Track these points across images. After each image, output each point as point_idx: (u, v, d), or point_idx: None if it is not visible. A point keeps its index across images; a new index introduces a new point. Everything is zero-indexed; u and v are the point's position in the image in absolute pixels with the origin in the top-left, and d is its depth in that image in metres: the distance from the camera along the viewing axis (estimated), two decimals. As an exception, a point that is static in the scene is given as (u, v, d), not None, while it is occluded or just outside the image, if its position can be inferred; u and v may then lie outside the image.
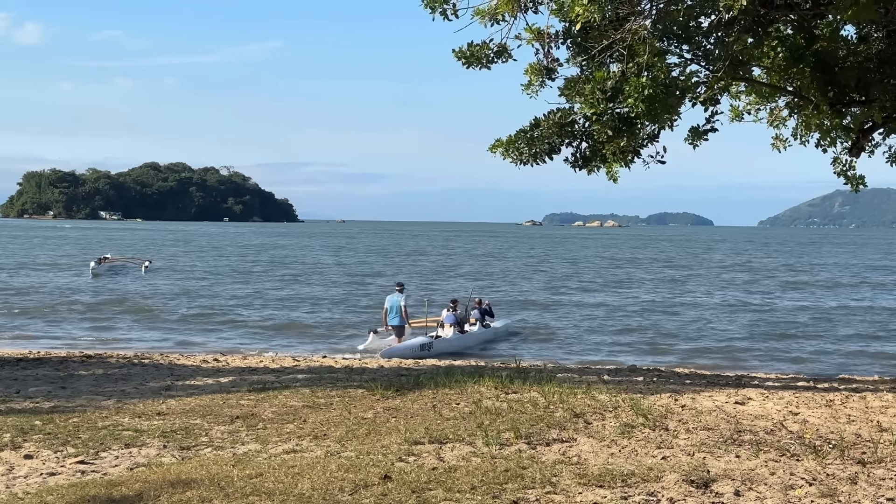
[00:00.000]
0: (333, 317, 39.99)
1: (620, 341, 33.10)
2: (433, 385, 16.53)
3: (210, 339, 32.38)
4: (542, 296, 50.91)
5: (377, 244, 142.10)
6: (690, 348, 31.66)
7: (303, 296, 49.17)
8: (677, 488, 9.55)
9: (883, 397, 17.19)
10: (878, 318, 42.60)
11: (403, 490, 9.19)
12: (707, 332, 36.03)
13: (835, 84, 15.48)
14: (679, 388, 17.70)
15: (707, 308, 45.48)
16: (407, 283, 36.08)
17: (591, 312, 42.95)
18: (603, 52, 14.30)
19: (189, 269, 69.81)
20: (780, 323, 39.56)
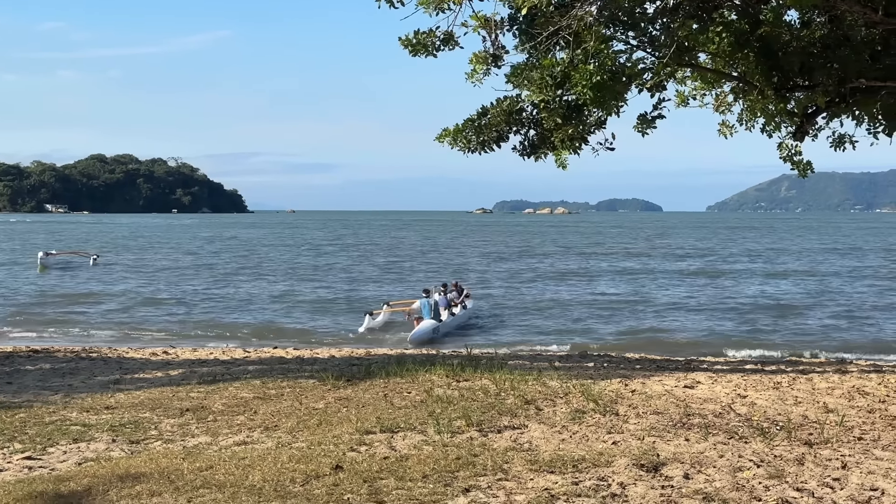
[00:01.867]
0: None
1: (574, 328, 33.23)
2: (384, 374, 16.53)
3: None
4: (500, 283, 50.96)
5: (330, 236, 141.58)
6: (644, 334, 31.89)
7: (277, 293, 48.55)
8: (627, 472, 9.61)
9: (829, 379, 17.40)
10: (826, 299, 43.11)
11: (355, 480, 9.18)
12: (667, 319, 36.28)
13: (779, 69, 15.58)
14: (629, 374, 17.81)
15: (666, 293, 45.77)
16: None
17: (552, 299, 43.12)
18: (549, 39, 14.30)
19: (141, 264, 69.01)
20: (740, 308, 39.84)
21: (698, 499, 8.67)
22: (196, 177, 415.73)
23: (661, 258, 76.00)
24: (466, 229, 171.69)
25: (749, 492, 8.96)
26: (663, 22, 15.42)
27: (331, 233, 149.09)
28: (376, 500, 8.54)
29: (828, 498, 8.80)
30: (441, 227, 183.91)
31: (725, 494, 8.83)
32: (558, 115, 15.08)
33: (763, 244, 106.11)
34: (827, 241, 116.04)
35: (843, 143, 17.65)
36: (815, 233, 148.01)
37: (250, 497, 8.61)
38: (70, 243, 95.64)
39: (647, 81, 16.00)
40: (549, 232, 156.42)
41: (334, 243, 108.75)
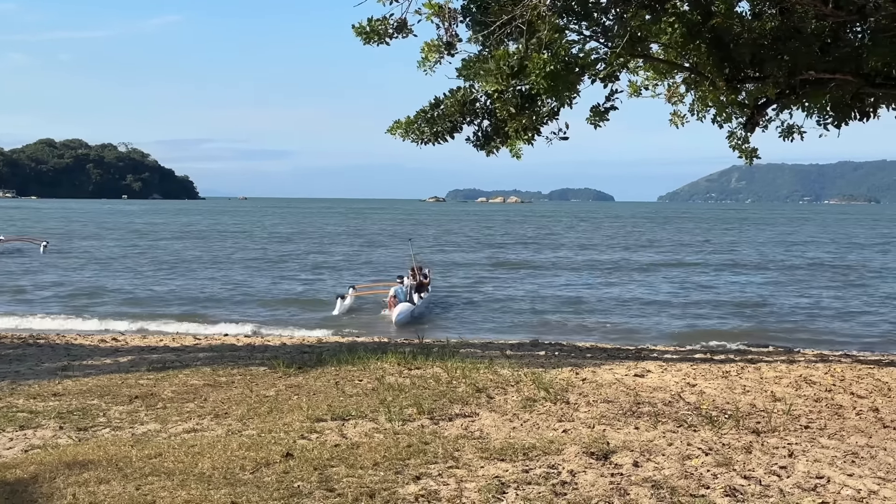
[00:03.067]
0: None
1: (528, 317, 33.32)
2: (336, 362, 16.51)
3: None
4: (456, 272, 51.01)
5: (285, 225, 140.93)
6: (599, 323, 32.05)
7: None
8: (578, 460, 9.67)
9: (777, 368, 17.60)
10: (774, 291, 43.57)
11: (305, 467, 9.16)
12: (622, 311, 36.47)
13: (730, 60, 15.71)
14: (580, 362, 17.90)
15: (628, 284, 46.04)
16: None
17: (507, 287, 43.24)
18: (503, 29, 14.31)
19: (93, 251, 68.26)
20: (693, 298, 40.14)
21: (647, 486, 8.74)
22: (147, 163, 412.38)
23: (620, 249, 76.28)
24: (423, 218, 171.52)
25: (697, 479, 9.05)
26: (616, 12, 15.49)
27: (284, 220, 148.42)
28: (326, 487, 8.53)
29: (774, 486, 8.90)
30: (395, 216, 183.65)
31: (674, 482, 8.91)
32: (512, 105, 15.12)
33: (717, 235, 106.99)
34: (778, 231, 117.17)
35: (792, 134, 17.82)
36: (767, 224, 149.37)
37: (199, 484, 8.56)
38: (21, 229, 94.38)
39: (600, 72, 16.06)
40: (504, 220, 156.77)
41: (287, 231, 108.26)
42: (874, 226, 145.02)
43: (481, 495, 8.39)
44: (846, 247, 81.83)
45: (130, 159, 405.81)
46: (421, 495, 8.38)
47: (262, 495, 8.29)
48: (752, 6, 16.47)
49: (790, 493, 8.64)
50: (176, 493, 8.36)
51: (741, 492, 8.65)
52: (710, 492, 8.64)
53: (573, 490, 8.65)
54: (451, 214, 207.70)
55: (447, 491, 8.53)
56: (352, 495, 8.30)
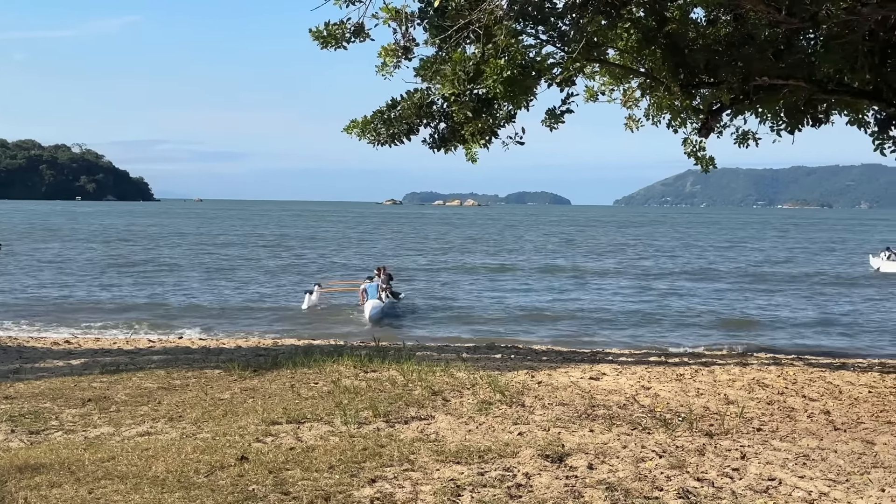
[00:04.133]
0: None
1: (486, 323, 33.36)
2: (291, 365, 16.49)
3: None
4: (414, 276, 51.01)
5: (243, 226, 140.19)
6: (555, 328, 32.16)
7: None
8: (533, 463, 9.71)
9: (730, 371, 17.76)
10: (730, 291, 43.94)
11: (260, 470, 9.14)
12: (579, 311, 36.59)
13: (685, 66, 15.85)
14: (536, 365, 17.98)
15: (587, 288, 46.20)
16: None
17: (463, 290, 43.30)
18: (460, 33, 14.35)
19: (48, 254, 67.48)
20: (652, 301, 40.36)
21: (601, 489, 8.78)
22: (101, 164, 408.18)
23: (578, 254, 76.57)
24: (380, 220, 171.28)
25: (651, 482, 9.11)
26: (572, 17, 15.55)
27: (240, 222, 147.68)
28: (281, 490, 8.50)
29: (727, 488, 8.98)
30: (352, 219, 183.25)
31: (628, 484, 8.96)
32: (468, 108, 15.16)
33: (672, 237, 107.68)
34: (734, 235, 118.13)
35: (746, 140, 18.01)
36: (720, 227, 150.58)
37: (153, 488, 8.51)
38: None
39: (556, 76, 16.14)
40: (462, 223, 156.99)
41: (243, 234, 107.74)
42: (829, 228, 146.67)
43: (436, 498, 8.40)
44: (798, 251, 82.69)
45: (84, 160, 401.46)
46: (376, 498, 8.38)
47: (216, 499, 8.25)
48: (706, 13, 16.62)
49: (742, 495, 8.72)
50: (129, 496, 8.30)
51: (694, 494, 8.72)
52: (663, 494, 8.70)
53: (528, 493, 8.68)
54: (408, 217, 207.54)
55: (402, 494, 8.53)
56: (307, 498, 8.27)
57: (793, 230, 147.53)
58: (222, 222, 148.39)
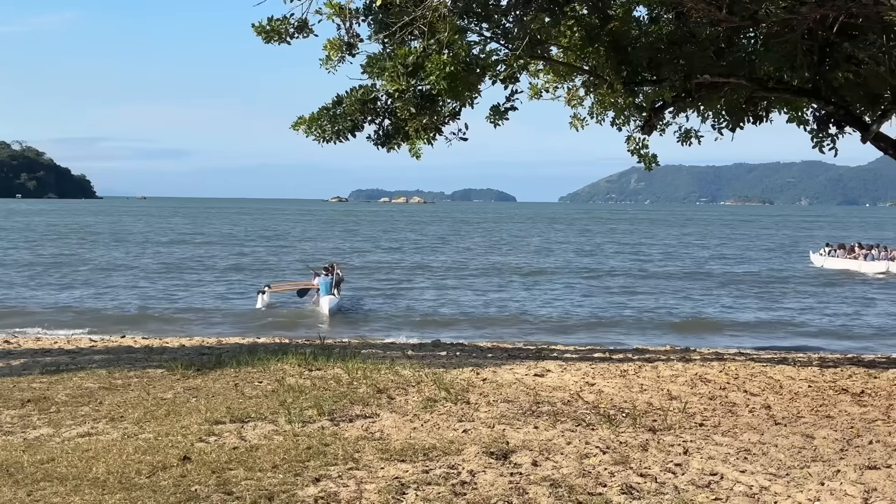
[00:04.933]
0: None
1: (432, 321, 33.37)
2: (236, 363, 16.36)
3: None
4: (360, 273, 50.93)
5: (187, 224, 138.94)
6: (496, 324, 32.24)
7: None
8: (477, 460, 9.72)
9: (673, 367, 17.89)
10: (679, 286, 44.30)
11: (203, 470, 9.08)
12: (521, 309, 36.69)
13: (628, 64, 15.92)
14: (481, 362, 18.00)
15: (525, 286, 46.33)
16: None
17: (412, 289, 43.28)
18: (404, 29, 14.32)
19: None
20: (596, 297, 40.57)
21: (546, 485, 8.81)
22: (42, 161, 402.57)
23: (524, 252, 76.84)
24: (328, 218, 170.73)
25: (595, 478, 9.16)
26: (516, 14, 15.57)
27: (185, 220, 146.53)
28: (224, 490, 8.45)
29: (670, 483, 9.05)
30: (300, 216, 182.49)
31: (572, 481, 9.01)
32: (412, 105, 15.12)
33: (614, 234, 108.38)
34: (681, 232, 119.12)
35: (689, 138, 18.14)
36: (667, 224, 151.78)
37: (94, 490, 8.42)
38: None
39: (500, 73, 16.16)
40: (408, 221, 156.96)
41: (188, 232, 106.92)
42: (772, 225, 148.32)
43: (381, 496, 8.39)
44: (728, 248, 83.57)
45: (25, 158, 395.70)
46: (320, 497, 8.35)
47: (158, 500, 8.18)
48: (649, 11, 16.72)
49: (685, 490, 8.79)
50: (69, 498, 8.21)
51: (637, 489, 8.78)
52: (606, 490, 8.75)
53: (472, 490, 8.70)
54: (355, 214, 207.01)
55: (347, 492, 8.51)
56: (250, 498, 8.23)
57: (736, 227, 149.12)
58: (166, 220, 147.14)
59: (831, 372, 17.73)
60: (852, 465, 9.95)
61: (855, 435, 11.69)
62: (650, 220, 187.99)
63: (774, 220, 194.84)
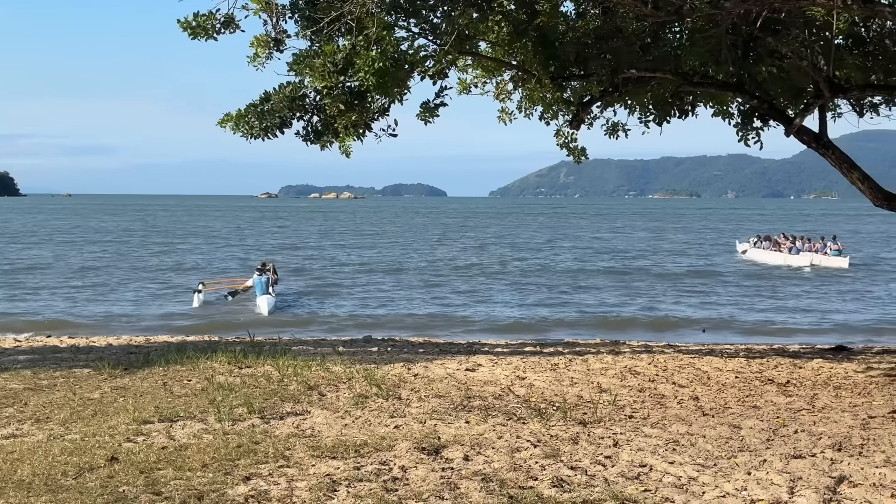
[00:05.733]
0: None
1: (364, 317, 33.30)
2: (164, 362, 16.19)
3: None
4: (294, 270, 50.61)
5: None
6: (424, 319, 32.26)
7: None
8: (409, 456, 9.73)
9: (603, 359, 18.04)
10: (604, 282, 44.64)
11: (131, 471, 8.98)
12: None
13: (555, 59, 15.98)
14: (412, 358, 18.00)
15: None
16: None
17: (344, 285, 43.15)
18: (331, 25, 14.25)
19: None
20: (528, 292, 40.71)
21: (477, 479, 8.84)
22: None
23: (459, 249, 76.97)
24: (259, 215, 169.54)
25: (526, 471, 9.21)
26: (444, 10, 15.57)
27: (112, 218, 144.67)
28: (153, 491, 8.36)
29: (600, 475, 9.12)
30: (230, 213, 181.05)
31: (503, 475, 9.04)
32: (341, 101, 15.06)
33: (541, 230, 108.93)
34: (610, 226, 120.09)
35: (616, 132, 18.27)
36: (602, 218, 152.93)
37: (18, 492, 8.28)
38: None
39: (429, 69, 16.14)
40: (340, 216, 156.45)
41: (116, 230, 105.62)
42: (703, 217, 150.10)
43: (312, 494, 8.36)
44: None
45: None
46: (251, 496, 8.30)
47: (85, 501, 8.07)
48: (575, 6, 16.82)
49: (614, 482, 8.87)
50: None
51: (568, 482, 8.84)
52: (537, 483, 8.80)
53: (404, 486, 8.70)
54: (286, 210, 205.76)
55: (278, 490, 8.47)
56: (179, 498, 8.16)
57: (664, 220, 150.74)
58: (92, 218, 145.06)
59: (758, 363, 18.01)
60: (778, 454, 10.11)
61: (781, 425, 11.89)
62: (583, 213, 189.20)
63: (704, 213, 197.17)
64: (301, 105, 15.86)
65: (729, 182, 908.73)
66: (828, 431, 11.46)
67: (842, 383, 15.61)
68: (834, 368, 17.31)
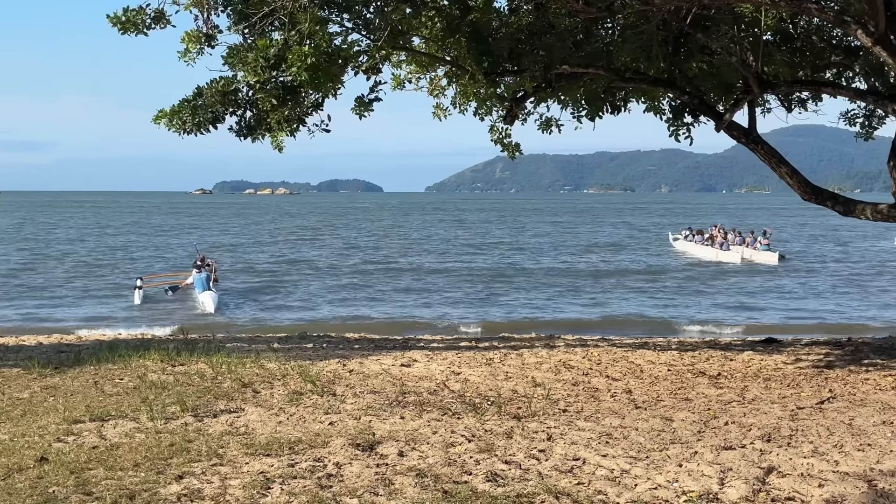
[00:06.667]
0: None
1: (301, 312, 33.16)
2: (95, 361, 15.99)
3: None
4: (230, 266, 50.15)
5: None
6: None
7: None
8: (344, 452, 9.72)
9: (538, 354, 18.14)
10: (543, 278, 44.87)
11: (62, 471, 8.87)
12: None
13: (489, 54, 16.01)
14: (348, 354, 17.97)
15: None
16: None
17: (283, 281, 42.93)
18: (264, 20, 14.17)
19: None
20: (460, 287, 40.77)
21: (412, 475, 8.85)
22: None
23: (400, 247, 76.93)
24: (194, 211, 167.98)
25: (460, 466, 9.24)
26: (377, 5, 15.56)
27: (43, 216, 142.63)
28: (84, 491, 8.27)
29: (534, 469, 9.18)
30: (166, 209, 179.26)
31: (438, 470, 9.07)
32: (274, 96, 14.97)
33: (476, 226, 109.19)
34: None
35: (549, 127, 18.37)
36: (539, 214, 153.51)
37: (-54, 495, 8.16)
38: None
39: (362, 64, 16.12)
40: (277, 212, 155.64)
41: (49, 226, 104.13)
42: (635, 210, 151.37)
43: (246, 492, 8.32)
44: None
45: None
46: (183, 495, 8.24)
47: (14, 502, 7.97)
48: (508, 2, 16.87)
49: (548, 476, 8.93)
50: (-81, 505, 7.94)
51: (502, 476, 8.89)
52: (472, 478, 8.83)
53: (339, 482, 8.69)
54: (222, 207, 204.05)
55: (211, 489, 8.42)
56: (111, 498, 8.07)
57: (600, 215, 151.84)
58: (23, 215, 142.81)
59: (690, 355, 18.22)
60: (709, 445, 10.24)
61: (712, 416, 12.05)
62: (519, 209, 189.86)
63: (638, 207, 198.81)
64: (234, 100, 15.74)
65: (662, 177, 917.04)
66: (757, 423, 11.63)
67: (771, 375, 15.85)
68: (764, 360, 17.56)
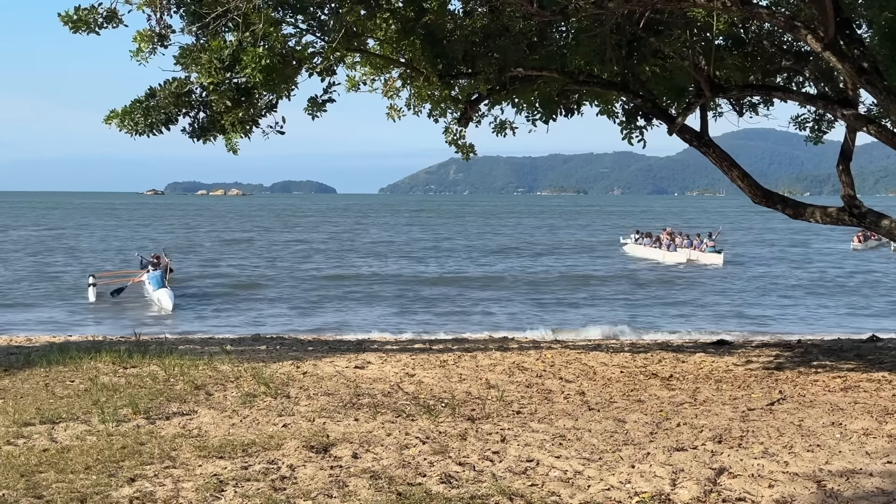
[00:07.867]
0: None
1: (255, 315, 32.98)
2: (46, 363, 15.85)
3: None
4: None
5: None
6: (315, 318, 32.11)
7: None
8: (297, 454, 9.71)
9: (492, 356, 18.18)
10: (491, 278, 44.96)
11: (11, 474, 8.80)
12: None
13: (443, 56, 16.05)
14: (301, 356, 17.93)
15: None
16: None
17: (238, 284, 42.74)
18: (218, 20, 14.11)
19: None
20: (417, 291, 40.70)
21: (366, 477, 8.86)
22: None
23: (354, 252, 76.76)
24: (149, 211, 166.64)
25: (415, 468, 9.26)
26: (332, 7, 15.55)
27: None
28: (34, 494, 8.20)
29: (488, 471, 9.21)
30: (120, 210, 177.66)
31: (392, 472, 9.08)
32: (228, 98, 14.90)
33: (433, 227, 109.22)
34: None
35: (504, 129, 18.44)
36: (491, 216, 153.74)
37: None
38: None
39: (317, 65, 16.09)
40: (230, 215, 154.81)
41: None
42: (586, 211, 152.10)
43: (199, 494, 8.29)
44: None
45: None
46: (136, 497, 8.20)
47: (-37, 507, 7.89)
48: (463, 4, 16.91)
49: (502, 478, 8.96)
50: None
51: (456, 478, 8.91)
52: (426, 479, 8.85)
53: (293, 484, 8.68)
54: (175, 208, 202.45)
55: (163, 492, 8.38)
56: (61, 501, 8.02)
57: (554, 217, 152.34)
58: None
59: (642, 357, 18.35)
60: (661, 447, 10.33)
61: (664, 418, 12.14)
62: (472, 212, 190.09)
63: (591, 210, 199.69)
64: (187, 101, 15.65)
65: (615, 179, 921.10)
66: (709, 424, 11.74)
67: (723, 377, 16.00)
68: (715, 362, 17.73)
